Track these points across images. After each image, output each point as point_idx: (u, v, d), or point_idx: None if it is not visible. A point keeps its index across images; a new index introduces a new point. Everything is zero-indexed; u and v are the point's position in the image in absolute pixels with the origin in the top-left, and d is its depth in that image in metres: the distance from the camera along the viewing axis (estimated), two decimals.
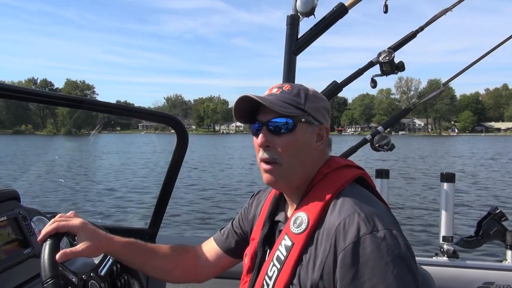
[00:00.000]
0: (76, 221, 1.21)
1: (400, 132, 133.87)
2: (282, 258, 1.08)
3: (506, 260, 2.13)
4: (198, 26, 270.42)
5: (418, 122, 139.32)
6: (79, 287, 1.16)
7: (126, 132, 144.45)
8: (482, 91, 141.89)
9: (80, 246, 1.18)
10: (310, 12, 2.23)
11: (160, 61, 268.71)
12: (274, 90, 1.16)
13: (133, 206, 11.63)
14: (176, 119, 1.89)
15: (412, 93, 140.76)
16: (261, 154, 1.14)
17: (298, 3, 2.21)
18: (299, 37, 2.27)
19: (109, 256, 1.36)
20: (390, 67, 2.21)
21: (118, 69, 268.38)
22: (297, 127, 1.12)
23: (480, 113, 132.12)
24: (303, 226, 1.07)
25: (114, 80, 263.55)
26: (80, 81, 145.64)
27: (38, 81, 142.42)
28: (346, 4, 2.24)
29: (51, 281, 1.05)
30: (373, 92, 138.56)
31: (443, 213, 2.20)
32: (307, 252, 1.04)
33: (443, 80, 2.47)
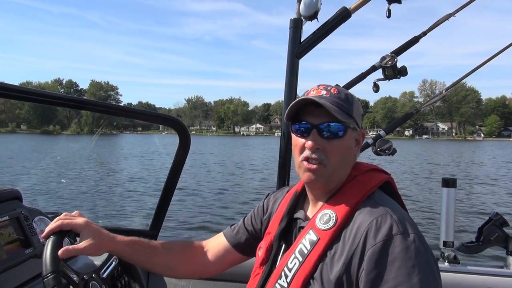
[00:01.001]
0: (80, 220, 1.23)
1: (424, 136, 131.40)
2: (305, 251, 1.09)
3: (508, 266, 2.09)
4: (217, 28, 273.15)
5: (442, 126, 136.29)
6: (79, 286, 1.17)
7: (147, 133, 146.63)
8: (509, 95, 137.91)
9: (82, 244, 1.20)
10: (313, 16, 2.23)
11: (180, 63, 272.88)
12: (323, 92, 1.15)
13: (135, 208, 11.64)
14: (177, 120, 1.89)
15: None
16: (308, 153, 1.13)
17: (302, 6, 2.21)
18: (302, 40, 2.29)
19: (112, 259, 1.37)
20: (393, 71, 2.21)
21: (139, 71, 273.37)
22: (347, 133, 1.14)
23: (507, 117, 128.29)
24: (331, 223, 1.09)
25: (135, 82, 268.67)
26: (104, 82, 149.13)
27: (64, 82, 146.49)
28: (349, 8, 2.25)
29: (51, 276, 1.06)
30: (396, 95, 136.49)
31: (444, 218, 2.17)
32: (332, 248, 1.06)
33: (468, 83, 2.47)
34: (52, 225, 1.19)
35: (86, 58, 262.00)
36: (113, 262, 1.37)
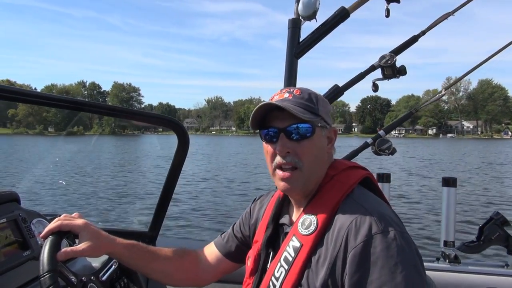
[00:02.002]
0: (79, 221, 1.23)
1: (449, 135, 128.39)
2: (290, 259, 1.08)
3: (508, 265, 2.06)
4: (234, 28, 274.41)
5: (467, 124, 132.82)
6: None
7: (168, 134, 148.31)
8: None
9: (81, 246, 1.19)
10: (311, 16, 2.24)
11: (198, 64, 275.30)
12: (286, 95, 1.15)
13: (134, 209, 11.60)
14: (175, 121, 1.87)
15: (461, 94, 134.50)
16: (279, 160, 1.13)
17: (300, 6, 2.21)
18: (300, 40, 2.30)
19: (111, 263, 1.36)
20: (392, 71, 2.20)
21: (159, 72, 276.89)
22: (315, 132, 1.12)
23: None
24: (312, 228, 1.07)
25: (155, 83, 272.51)
26: (126, 83, 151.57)
27: (87, 84, 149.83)
28: (348, 7, 2.25)
29: (48, 275, 1.04)
30: (419, 93, 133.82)
31: (445, 218, 2.16)
32: (316, 253, 1.05)
33: (495, 80, 2.45)
34: (51, 225, 1.19)
35: (107, 60, 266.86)
36: (113, 266, 1.36)
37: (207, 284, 1.48)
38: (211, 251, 1.48)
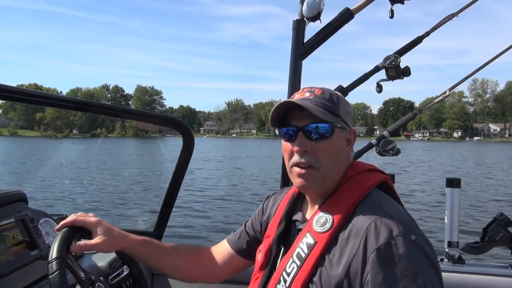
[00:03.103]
0: (93, 219, 1.27)
1: (475, 138, 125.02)
2: (303, 255, 1.08)
3: None
4: (253, 32, 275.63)
5: (494, 127, 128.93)
6: (85, 284, 1.16)
7: None
8: None
9: (95, 240, 1.22)
10: (316, 17, 2.25)
11: (218, 67, 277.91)
12: (307, 94, 1.15)
13: (139, 209, 11.78)
14: (181, 122, 1.89)
15: (488, 95, 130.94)
16: (297, 158, 1.13)
17: (304, 7, 2.22)
18: (305, 41, 2.33)
19: (122, 268, 1.38)
20: (396, 72, 2.19)
21: (179, 75, 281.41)
22: (334, 133, 1.12)
23: None
24: (327, 226, 1.07)
25: (175, 86, 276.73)
26: (149, 86, 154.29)
27: (111, 88, 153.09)
28: (352, 8, 2.27)
29: (55, 261, 1.08)
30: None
31: (449, 219, 2.14)
32: (330, 251, 1.04)
33: None
34: (66, 220, 1.24)
35: (128, 64, 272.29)
36: (124, 271, 1.38)
37: (219, 280, 1.49)
38: (223, 248, 1.50)
